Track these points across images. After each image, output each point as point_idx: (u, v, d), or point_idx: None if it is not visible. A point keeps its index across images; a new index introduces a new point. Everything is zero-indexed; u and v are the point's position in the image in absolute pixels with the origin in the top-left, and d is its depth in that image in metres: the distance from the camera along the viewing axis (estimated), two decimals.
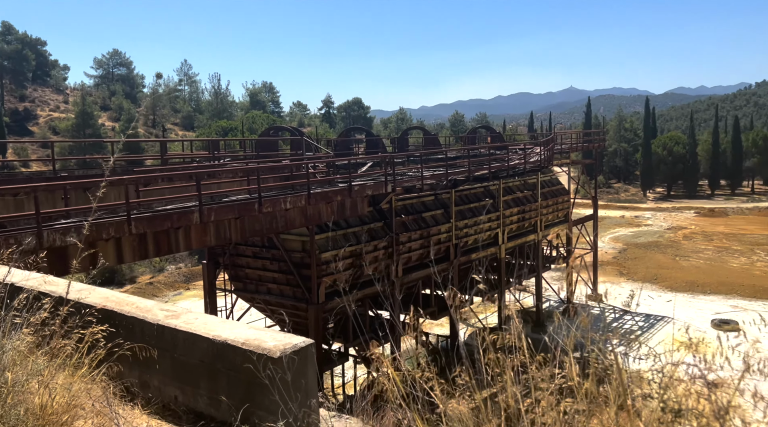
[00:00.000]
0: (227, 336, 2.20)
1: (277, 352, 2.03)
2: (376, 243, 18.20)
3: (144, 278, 39.54)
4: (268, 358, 2.01)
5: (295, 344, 2.09)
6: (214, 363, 2.20)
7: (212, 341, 2.20)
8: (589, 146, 35.68)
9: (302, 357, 2.06)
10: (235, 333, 2.22)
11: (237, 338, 2.17)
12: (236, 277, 18.55)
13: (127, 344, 2.30)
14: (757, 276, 36.37)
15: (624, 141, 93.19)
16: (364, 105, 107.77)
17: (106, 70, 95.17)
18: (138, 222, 10.41)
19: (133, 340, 2.42)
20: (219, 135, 57.33)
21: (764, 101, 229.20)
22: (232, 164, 17.84)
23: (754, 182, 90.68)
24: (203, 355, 2.24)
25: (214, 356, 2.20)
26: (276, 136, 22.98)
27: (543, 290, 28.77)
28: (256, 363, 2.00)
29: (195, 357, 2.27)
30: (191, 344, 2.29)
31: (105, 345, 2.26)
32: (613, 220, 61.26)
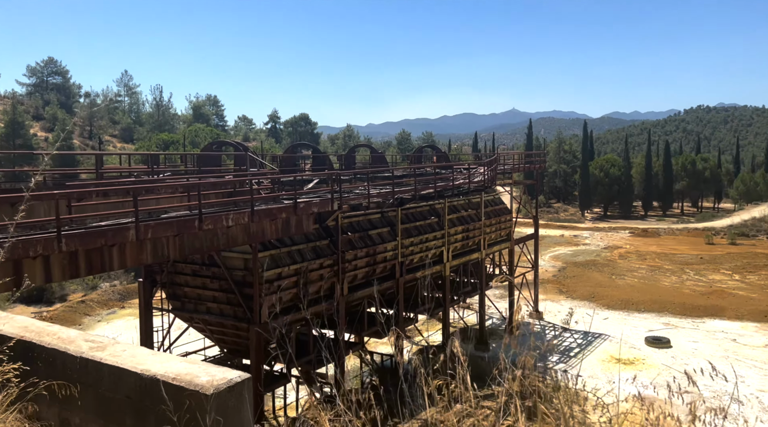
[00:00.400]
0: (156, 370, 2.05)
1: (210, 388, 1.90)
2: (321, 261, 17.99)
3: (76, 296, 37.71)
4: (201, 394, 1.88)
5: (230, 380, 1.97)
6: (142, 400, 2.04)
7: (140, 376, 2.05)
8: (531, 167, 36.70)
9: (237, 393, 1.94)
10: (165, 367, 2.08)
11: (167, 373, 2.02)
12: (174, 295, 17.90)
13: (42, 382, 2.11)
14: (686, 294, 38.10)
15: (563, 162, 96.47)
16: (311, 121, 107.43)
17: (40, 79, 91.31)
18: (69, 239, 9.89)
19: (54, 374, 2.23)
20: (160, 148, 55.79)
21: (692, 127, 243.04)
22: (172, 179, 17.32)
23: (683, 204, 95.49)
24: (130, 390, 2.08)
25: (142, 391, 2.04)
26: (219, 150, 22.51)
27: (486, 308, 29.16)
28: (187, 400, 1.87)
29: (121, 393, 2.11)
30: (117, 378, 2.12)
31: (18, 384, 2.06)
32: (553, 239, 63.04)
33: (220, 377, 1.95)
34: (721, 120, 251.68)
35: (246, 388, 1.97)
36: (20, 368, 2.12)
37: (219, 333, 17.82)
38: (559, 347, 28.26)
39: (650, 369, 24.91)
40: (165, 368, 2.05)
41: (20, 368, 2.12)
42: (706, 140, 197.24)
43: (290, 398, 20.85)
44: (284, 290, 16.85)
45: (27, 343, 2.38)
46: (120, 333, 30.51)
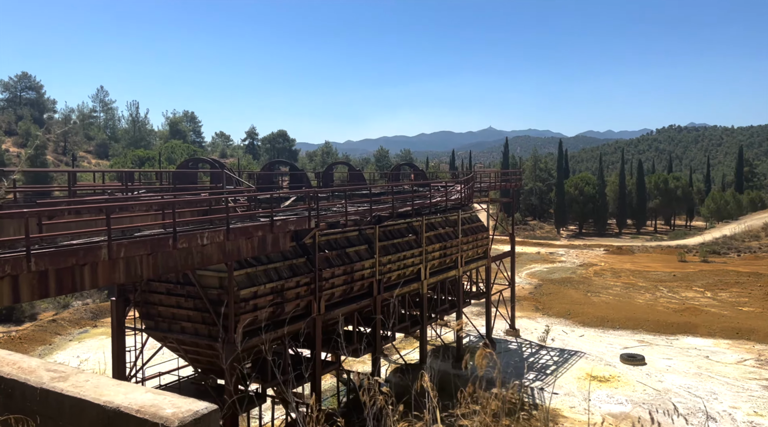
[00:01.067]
0: (120, 402, 1.99)
1: (176, 420, 1.85)
2: (298, 279, 17.85)
3: (47, 315, 36.82)
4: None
5: (196, 412, 1.92)
6: None
7: (103, 408, 1.99)
8: (507, 185, 37.09)
9: (204, 425, 1.90)
10: (129, 398, 2.02)
11: (131, 405, 1.97)
12: (148, 315, 17.57)
13: (2, 416, 2.03)
14: (660, 312, 38.62)
15: (539, 180, 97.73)
16: (289, 138, 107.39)
17: (13, 94, 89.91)
18: (39, 258, 9.67)
19: (13, 406, 2.15)
20: (135, 164, 55.15)
21: (664, 147, 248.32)
22: (147, 197, 17.09)
23: (656, 222, 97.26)
24: (92, 423, 2.02)
25: (104, 424, 1.98)
26: (195, 167, 22.30)
27: (463, 325, 29.16)
28: None
29: (83, 426, 2.05)
30: (79, 410, 2.06)
31: None
32: (529, 256, 63.54)
33: (185, 409, 1.90)
34: (692, 139, 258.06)
35: (213, 420, 1.93)
36: None
37: (193, 353, 17.51)
38: (535, 365, 28.34)
39: (625, 386, 25.11)
40: (129, 399, 2.00)
41: None
42: (678, 159, 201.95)
43: (266, 418, 20.51)
44: (260, 309, 16.65)
45: None
46: (91, 353, 29.80)
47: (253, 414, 20.33)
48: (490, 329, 31.15)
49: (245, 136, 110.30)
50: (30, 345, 31.52)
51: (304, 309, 18.46)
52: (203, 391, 17.80)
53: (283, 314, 17.63)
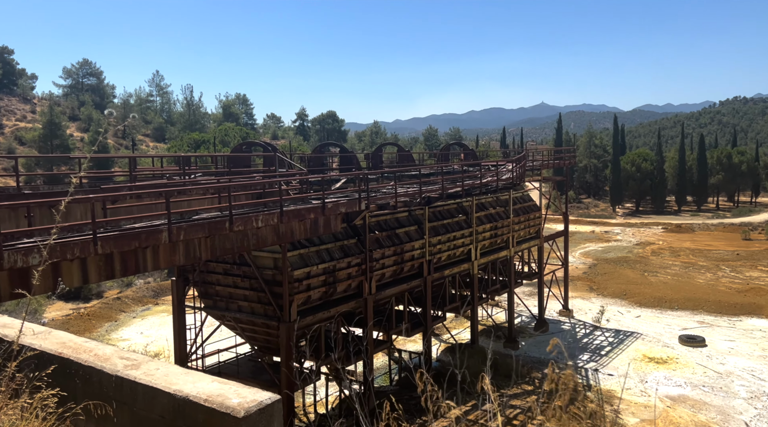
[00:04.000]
0: (189, 391, 2.10)
1: (241, 411, 1.95)
2: (349, 260, 18.09)
3: (111, 293, 38.65)
4: (231, 417, 1.92)
5: (261, 402, 2.01)
6: (174, 420, 2.10)
7: (173, 396, 2.10)
8: (560, 163, 36.23)
9: (267, 415, 1.98)
10: (197, 388, 2.13)
11: (199, 394, 2.07)
12: (206, 294, 18.22)
13: (82, 401, 2.18)
14: (722, 292, 37.20)
15: (594, 157, 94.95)
16: (338, 118, 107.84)
17: (75, 80, 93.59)
18: (104, 242, 10.15)
19: (91, 391, 2.30)
20: (191, 147, 56.67)
21: (728, 120, 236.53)
22: (203, 181, 17.60)
23: (719, 199, 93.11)
24: (163, 410, 2.14)
25: (174, 412, 2.10)
26: (249, 151, 22.77)
27: (515, 306, 28.95)
28: (218, 422, 1.92)
29: (155, 412, 2.17)
30: (151, 397, 2.18)
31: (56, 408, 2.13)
32: (583, 235, 62.16)
33: (250, 399, 1.99)
34: (759, 112, 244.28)
35: (276, 410, 2.01)
36: (59, 394, 2.20)
37: (250, 331, 18.08)
38: (590, 346, 27.90)
39: (684, 368, 24.43)
40: (197, 388, 2.11)
41: (59, 394, 2.20)
42: (743, 133, 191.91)
43: (320, 394, 21.04)
44: (313, 289, 17.00)
45: (65, 360, 2.46)
46: (153, 330, 31.17)
47: (307, 391, 20.89)
48: (542, 309, 30.79)
49: (295, 118, 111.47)
50: (97, 321, 33.22)
51: (355, 289, 18.73)
52: (260, 368, 18.39)
53: (335, 293, 17.94)
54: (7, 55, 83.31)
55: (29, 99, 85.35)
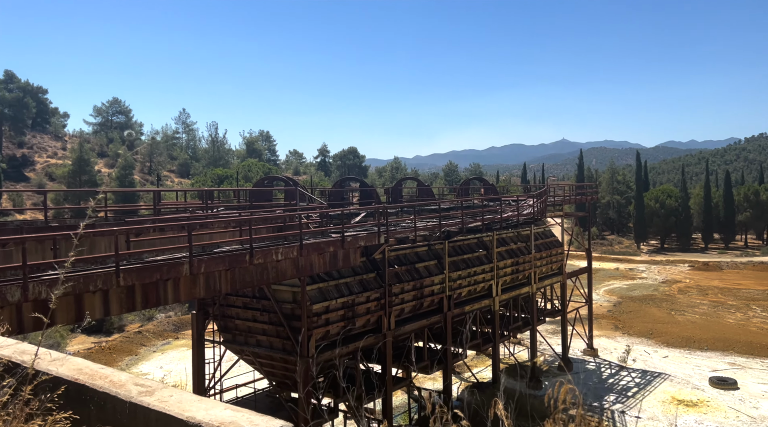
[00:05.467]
0: (202, 418, 2.09)
1: None
2: (368, 294, 18.00)
3: (133, 327, 38.86)
4: None
5: None
6: None
7: (186, 423, 2.09)
8: (582, 199, 35.96)
9: None
10: (210, 415, 2.11)
11: (212, 421, 2.05)
12: (225, 328, 18.22)
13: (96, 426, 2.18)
14: (753, 333, 36.07)
15: (617, 193, 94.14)
16: (359, 154, 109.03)
17: (105, 118, 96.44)
18: (127, 274, 10.26)
19: (104, 418, 2.30)
20: (214, 183, 57.59)
21: (754, 156, 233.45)
22: (225, 214, 17.81)
23: (747, 236, 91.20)
24: None
25: None
26: (270, 185, 23.04)
27: (538, 344, 28.37)
28: None
29: None
30: (164, 424, 2.17)
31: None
32: (607, 272, 61.15)
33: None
34: None
35: None
36: (71, 417, 2.20)
37: (268, 366, 17.96)
38: (615, 387, 27.11)
39: (716, 412, 23.55)
40: (210, 415, 2.09)
41: (71, 417, 2.20)
42: None
43: None
44: (332, 323, 16.90)
45: (80, 385, 2.47)
46: (173, 364, 31.15)
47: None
48: (566, 347, 30.12)
49: (317, 154, 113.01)
50: (118, 355, 33.34)
51: (374, 324, 18.56)
52: (278, 404, 18.19)
53: (354, 328, 17.80)
54: (41, 94, 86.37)
55: (60, 136, 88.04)
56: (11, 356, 2.77)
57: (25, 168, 71.60)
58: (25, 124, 79.67)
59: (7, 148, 74.95)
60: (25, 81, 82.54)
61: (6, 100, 76.52)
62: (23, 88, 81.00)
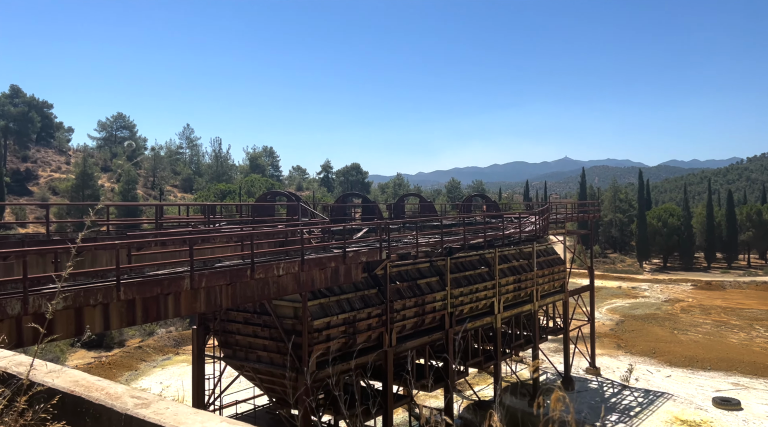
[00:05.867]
0: None
1: None
2: (369, 310, 17.92)
3: (133, 342, 38.69)
4: None
5: None
6: None
7: None
8: (584, 217, 35.90)
9: None
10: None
11: None
12: (226, 343, 18.13)
13: None
14: (757, 353, 35.76)
15: (619, 211, 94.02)
16: (362, 170, 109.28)
17: (109, 133, 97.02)
18: (127, 287, 10.25)
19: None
20: (217, 198, 57.72)
21: (756, 176, 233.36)
22: (227, 229, 17.82)
23: (750, 256, 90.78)
24: None
25: None
26: (273, 200, 23.09)
27: (540, 362, 28.14)
28: None
29: None
30: None
31: None
32: (609, 290, 60.85)
33: None
34: None
35: None
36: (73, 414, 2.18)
37: (268, 382, 17.83)
38: (618, 406, 26.83)
39: None
40: None
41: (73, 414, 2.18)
42: None
43: None
44: (333, 340, 16.80)
45: (76, 397, 2.45)
46: (173, 380, 30.95)
47: None
48: (568, 366, 29.88)
49: (320, 170, 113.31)
50: (118, 370, 33.15)
51: (375, 341, 18.46)
52: (278, 421, 18.04)
53: (355, 345, 17.70)
54: (47, 109, 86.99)
55: (65, 151, 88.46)
56: (7, 367, 2.76)
57: (29, 182, 71.88)
58: (29, 138, 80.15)
59: (11, 162, 75.33)
60: (31, 95, 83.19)
61: (11, 114, 77.07)
62: (28, 102, 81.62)
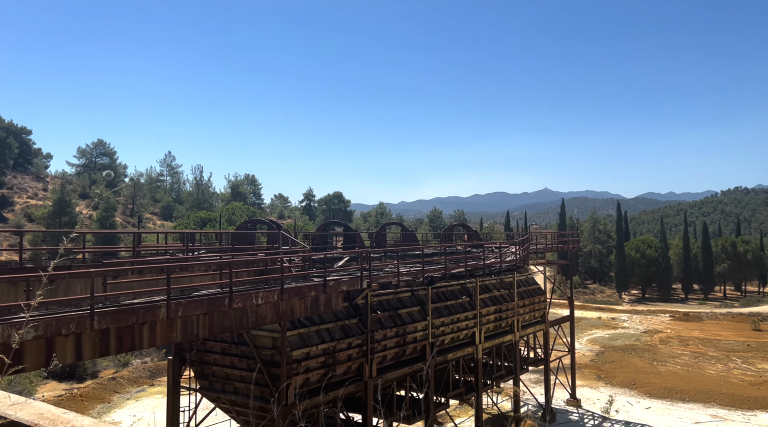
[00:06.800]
0: None
1: None
2: (350, 340, 17.70)
3: (107, 373, 37.66)
4: None
5: None
6: None
7: None
8: (564, 247, 36.18)
9: None
10: None
11: None
12: (202, 374, 17.72)
13: None
14: (734, 384, 35.96)
15: (598, 242, 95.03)
16: (344, 199, 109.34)
17: (89, 159, 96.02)
18: (101, 317, 10.01)
19: None
20: (197, 225, 57.18)
21: (730, 209, 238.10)
22: (205, 257, 17.60)
23: (725, 287, 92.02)
24: None
25: None
26: (253, 228, 22.92)
27: (521, 393, 27.95)
28: None
29: None
30: None
31: None
32: (589, 321, 61.05)
33: None
34: (761, 202, 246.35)
35: None
36: None
37: (245, 415, 17.41)
38: None
39: None
40: None
41: None
42: (746, 222, 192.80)
43: None
44: (312, 371, 16.53)
45: None
46: (146, 413, 30.11)
47: None
48: (549, 398, 29.71)
49: (302, 198, 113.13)
50: (90, 403, 32.16)
51: (355, 372, 18.20)
52: None
53: (335, 376, 17.42)
54: (25, 135, 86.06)
55: (42, 177, 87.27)
56: None
57: (4, 209, 70.58)
58: (6, 164, 78.96)
59: None
60: (9, 121, 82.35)
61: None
62: (6, 128, 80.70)
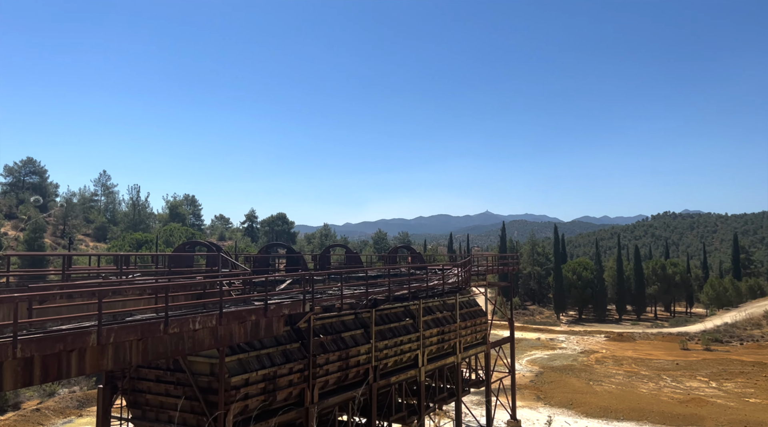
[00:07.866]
0: None
1: None
2: (291, 365, 17.36)
3: (30, 404, 35.46)
4: None
5: None
6: None
7: None
8: (505, 269, 36.95)
9: None
10: None
11: None
12: (135, 403, 16.93)
13: None
14: (665, 402, 37.37)
15: (537, 264, 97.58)
16: (288, 220, 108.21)
17: (16, 178, 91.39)
18: (25, 344, 9.45)
19: None
20: (133, 247, 55.16)
21: (660, 233, 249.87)
22: (140, 280, 16.97)
23: (656, 308, 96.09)
24: None
25: None
26: (192, 251, 22.31)
27: (463, 415, 28.10)
28: None
29: None
30: None
31: None
32: (529, 342, 62.30)
33: None
34: (687, 226, 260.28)
35: None
36: None
37: None
38: None
39: None
40: None
41: None
42: (675, 245, 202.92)
43: None
44: (251, 397, 16.09)
45: None
46: None
47: None
48: (490, 419, 29.98)
49: (244, 219, 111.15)
50: None
51: (296, 397, 17.84)
52: None
53: (275, 402, 17.02)
54: None
55: None
56: None
57: None
58: None
59: None
60: None
61: None
62: None
